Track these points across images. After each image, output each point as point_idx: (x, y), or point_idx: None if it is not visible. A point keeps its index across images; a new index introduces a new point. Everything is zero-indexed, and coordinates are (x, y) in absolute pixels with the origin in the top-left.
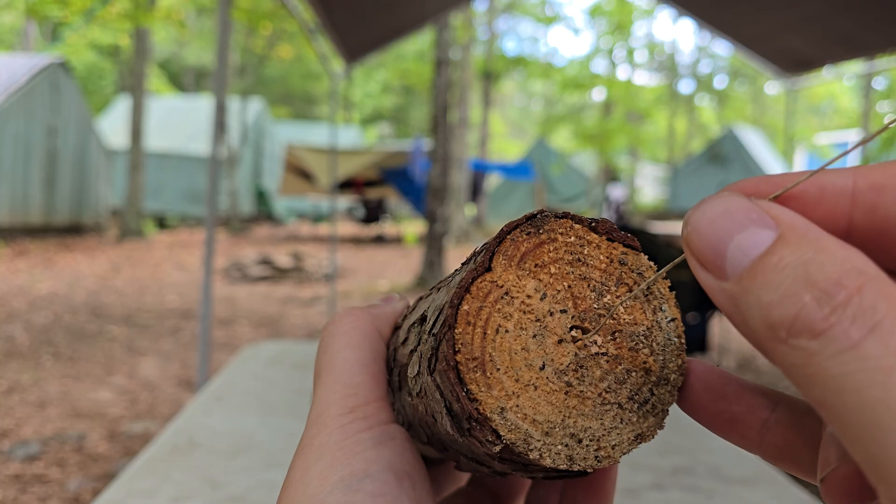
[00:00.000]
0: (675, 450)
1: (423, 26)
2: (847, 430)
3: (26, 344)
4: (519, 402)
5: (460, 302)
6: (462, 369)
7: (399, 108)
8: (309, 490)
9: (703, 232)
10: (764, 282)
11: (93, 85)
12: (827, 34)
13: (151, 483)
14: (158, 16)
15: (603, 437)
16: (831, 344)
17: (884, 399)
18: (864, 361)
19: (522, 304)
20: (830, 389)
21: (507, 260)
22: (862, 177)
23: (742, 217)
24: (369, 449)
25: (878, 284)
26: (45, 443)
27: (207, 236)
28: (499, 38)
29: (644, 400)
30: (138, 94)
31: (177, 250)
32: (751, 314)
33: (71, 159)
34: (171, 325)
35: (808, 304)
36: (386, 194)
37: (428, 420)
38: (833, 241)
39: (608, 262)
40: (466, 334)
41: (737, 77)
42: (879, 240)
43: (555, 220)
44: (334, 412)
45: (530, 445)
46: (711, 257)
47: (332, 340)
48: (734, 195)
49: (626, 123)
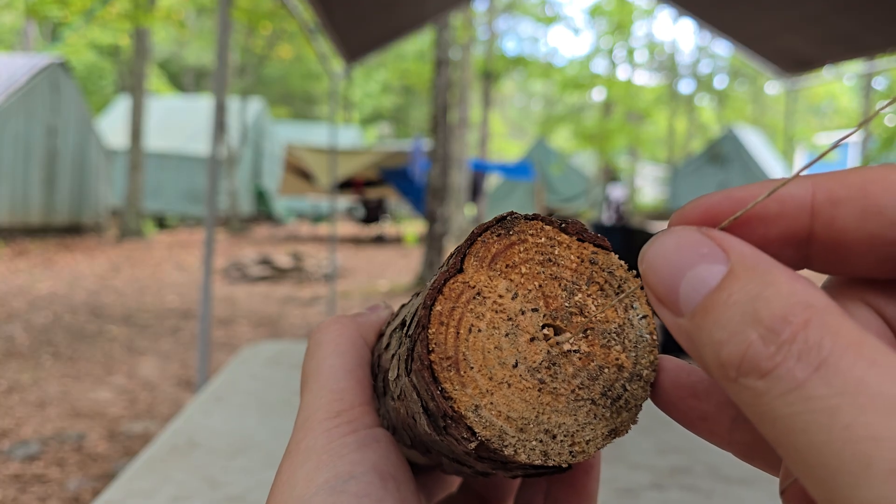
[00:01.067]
0: (674, 449)
1: (423, 26)
2: (798, 469)
3: (26, 344)
4: (493, 400)
5: (433, 303)
6: (436, 368)
7: (399, 108)
8: (296, 492)
9: (656, 269)
10: (714, 319)
11: (93, 85)
12: (827, 34)
13: (151, 483)
14: (158, 16)
15: (577, 433)
16: (777, 384)
17: (828, 441)
18: (809, 402)
19: (494, 303)
20: (779, 430)
21: (479, 261)
22: (820, 188)
23: (692, 252)
24: (354, 451)
25: (826, 318)
26: (44, 442)
27: (207, 236)
28: (499, 38)
29: (617, 396)
30: (138, 94)
31: (176, 250)
32: (704, 351)
33: (71, 159)
34: (170, 324)
35: (755, 343)
36: (386, 194)
37: (409, 422)
38: (783, 271)
39: (579, 261)
40: (440, 334)
41: (737, 77)
42: (839, 251)
43: (525, 221)
44: (320, 416)
45: (505, 441)
46: (666, 294)
47: (319, 348)
48: (686, 229)
49: (626, 123)
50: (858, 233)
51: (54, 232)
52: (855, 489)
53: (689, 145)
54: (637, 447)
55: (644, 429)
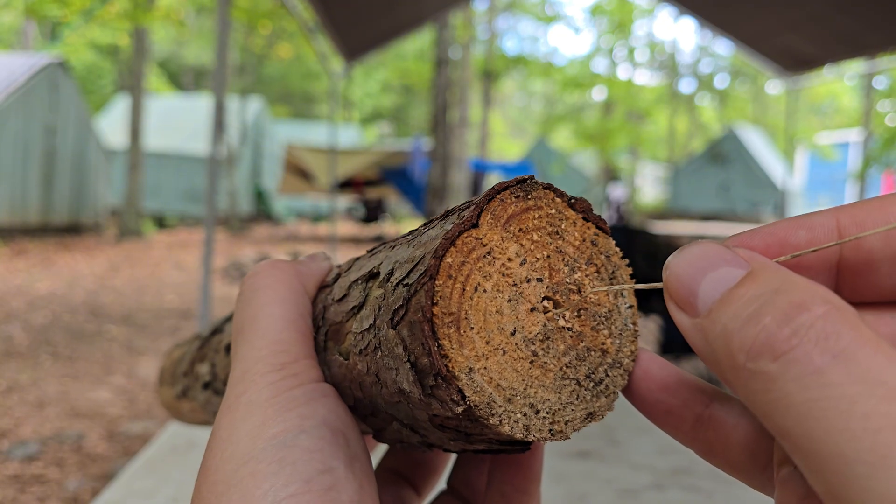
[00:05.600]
0: (675, 450)
1: (423, 25)
2: (808, 459)
3: (25, 344)
4: (487, 365)
5: (444, 253)
6: (437, 322)
7: (399, 107)
8: (239, 448)
9: (678, 273)
10: (729, 312)
11: (92, 84)
12: (828, 33)
13: (151, 483)
14: (157, 15)
15: (559, 412)
16: (793, 367)
17: (847, 429)
18: (828, 388)
19: (503, 266)
20: (792, 417)
21: (494, 219)
22: (844, 215)
23: (716, 258)
24: (302, 405)
25: (844, 313)
26: (43, 443)
27: (206, 236)
28: (499, 37)
29: (599, 380)
30: (137, 94)
31: (176, 250)
32: (716, 345)
33: (70, 159)
34: (169, 324)
35: (768, 326)
36: (386, 194)
37: (365, 380)
38: (803, 278)
39: (581, 240)
40: (446, 287)
41: (738, 76)
42: (867, 274)
43: (542, 189)
44: (262, 369)
45: (492, 410)
46: (685, 295)
47: (256, 294)
48: (712, 242)
49: (627, 123)
50: (885, 251)
51: (53, 232)
52: (870, 480)
53: (690, 145)
54: (638, 447)
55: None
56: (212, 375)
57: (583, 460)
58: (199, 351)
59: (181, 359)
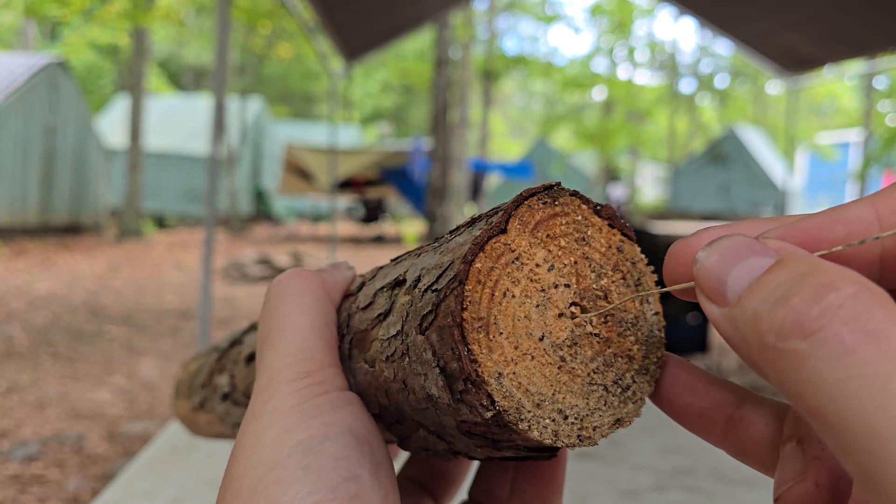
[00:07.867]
0: (676, 450)
1: (423, 25)
2: (841, 440)
3: (25, 344)
4: (516, 370)
5: (474, 259)
6: (467, 327)
7: (399, 107)
8: (265, 455)
9: (708, 266)
10: (758, 297)
11: (92, 84)
12: (828, 33)
13: (151, 483)
14: (157, 15)
15: (587, 417)
16: (823, 346)
17: (882, 406)
18: (861, 367)
19: (531, 271)
20: (824, 396)
21: (522, 225)
22: (881, 204)
23: (745, 249)
24: (327, 412)
25: (875, 294)
26: (44, 443)
27: (206, 236)
28: (499, 37)
29: (626, 386)
30: (137, 94)
31: (176, 250)
32: (745, 329)
33: (70, 159)
34: (170, 325)
35: (798, 305)
36: (386, 194)
37: (392, 387)
38: (833, 263)
39: (607, 247)
40: (476, 292)
41: (738, 76)
42: None
43: (569, 195)
44: (287, 377)
45: (521, 415)
46: (715, 286)
47: (281, 302)
48: (741, 235)
49: (627, 123)
50: None
51: (53, 232)
52: None
53: (690, 145)
54: (639, 448)
55: (646, 429)
56: (231, 386)
57: (584, 461)
58: (217, 362)
59: (199, 370)
